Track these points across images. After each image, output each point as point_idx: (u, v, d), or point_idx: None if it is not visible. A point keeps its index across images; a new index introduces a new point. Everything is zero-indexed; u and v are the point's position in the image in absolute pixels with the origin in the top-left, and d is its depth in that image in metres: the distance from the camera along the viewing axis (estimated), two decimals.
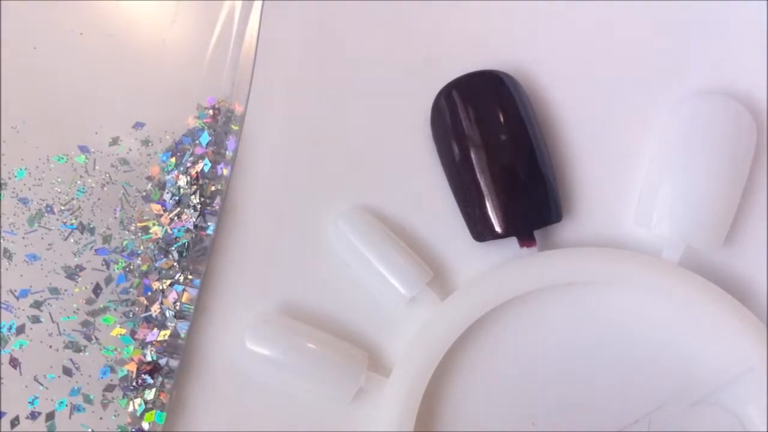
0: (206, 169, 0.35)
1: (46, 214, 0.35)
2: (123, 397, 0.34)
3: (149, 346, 0.34)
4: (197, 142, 0.35)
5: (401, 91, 0.37)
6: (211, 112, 0.36)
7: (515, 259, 0.35)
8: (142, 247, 0.35)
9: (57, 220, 0.35)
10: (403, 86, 0.37)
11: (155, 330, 0.34)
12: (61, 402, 0.34)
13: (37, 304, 0.34)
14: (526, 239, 0.35)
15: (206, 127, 0.35)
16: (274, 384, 0.35)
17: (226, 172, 0.35)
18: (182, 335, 0.34)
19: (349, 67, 0.37)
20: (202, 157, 0.35)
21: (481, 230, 0.35)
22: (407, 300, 0.35)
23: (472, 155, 0.35)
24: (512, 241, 0.35)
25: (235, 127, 0.36)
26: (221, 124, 0.36)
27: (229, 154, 0.35)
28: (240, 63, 0.36)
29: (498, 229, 0.35)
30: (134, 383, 0.34)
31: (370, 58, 0.37)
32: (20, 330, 0.34)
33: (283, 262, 0.36)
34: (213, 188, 0.35)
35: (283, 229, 0.36)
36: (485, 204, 0.35)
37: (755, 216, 0.35)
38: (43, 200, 0.35)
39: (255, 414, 0.35)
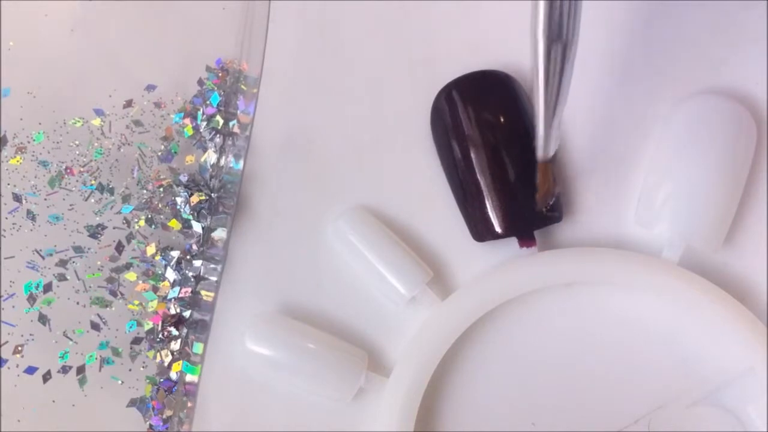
0: (218, 127, 0.36)
1: (66, 176, 0.36)
2: (150, 349, 0.35)
3: (172, 300, 0.35)
4: (208, 102, 0.36)
5: (401, 91, 0.37)
6: (219, 72, 0.37)
7: (515, 259, 0.35)
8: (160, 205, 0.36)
9: (77, 181, 0.36)
10: (403, 86, 0.37)
11: (176, 287, 0.35)
12: (91, 356, 0.35)
13: (62, 263, 0.35)
14: (526, 239, 0.35)
15: (216, 88, 0.36)
16: (275, 384, 0.35)
17: (237, 129, 0.36)
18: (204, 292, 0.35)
19: (350, 67, 0.37)
20: (213, 116, 0.36)
21: (481, 230, 0.35)
22: (407, 300, 0.35)
23: (472, 155, 0.35)
24: (512, 241, 0.35)
25: (243, 87, 0.36)
26: (230, 84, 0.36)
27: (239, 113, 0.36)
28: (251, 22, 0.36)
29: (498, 229, 0.35)
30: (160, 335, 0.35)
31: (370, 58, 0.37)
32: (47, 288, 0.35)
33: (284, 262, 0.36)
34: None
35: (283, 229, 0.36)
36: (485, 204, 0.35)
37: (755, 216, 0.35)
38: (62, 162, 0.36)
39: (255, 414, 0.35)
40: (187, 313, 0.35)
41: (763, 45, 0.36)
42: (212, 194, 0.35)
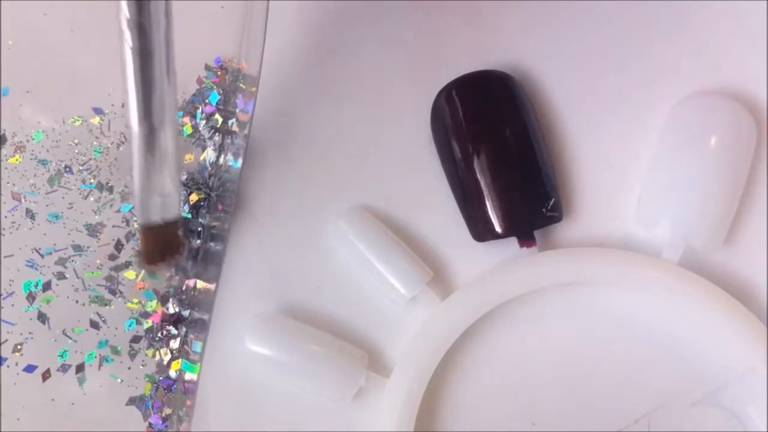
0: (217, 126, 0.36)
1: (65, 174, 0.36)
2: (149, 348, 0.35)
3: (171, 298, 0.35)
4: (207, 101, 0.36)
5: (401, 91, 0.37)
6: (218, 71, 0.37)
7: (515, 259, 0.35)
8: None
9: (76, 179, 0.36)
10: (403, 86, 0.37)
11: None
12: (90, 354, 0.35)
13: (61, 261, 0.35)
14: (526, 239, 0.35)
15: (215, 86, 0.36)
16: (275, 384, 0.35)
17: (236, 128, 0.36)
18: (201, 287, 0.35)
19: (349, 68, 0.37)
20: (212, 115, 0.36)
21: (481, 230, 0.35)
22: (407, 300, 0.35)
23: (472, 155, 0.35)
24: (512, 241, 0.35)
25: (242, 85, 0.36)
26: (229, 82, 0.37)
27: (238, 112, 0.36)
28: (250, 21, 0.36)
29: (498, 229, 0.35)
30: (159, 334, 0.35)
31: (370, 58, 0.37)
32: (47, 286, 0.35)
33: (284, 262, 0.36)
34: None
35: (283, 229, 0.36)
36: (485, 204, 0.35)
37: (755, 216, 0.35)
38: (61, 161, 0.36)
39: (255, 413, 0.35)
40: (186, 312, 0.35)
41: (763, 45, 0.36)
42: (211, 193, 0.35)
